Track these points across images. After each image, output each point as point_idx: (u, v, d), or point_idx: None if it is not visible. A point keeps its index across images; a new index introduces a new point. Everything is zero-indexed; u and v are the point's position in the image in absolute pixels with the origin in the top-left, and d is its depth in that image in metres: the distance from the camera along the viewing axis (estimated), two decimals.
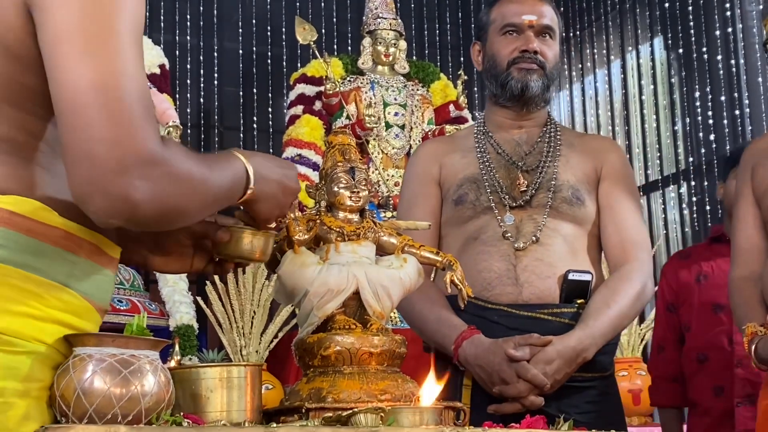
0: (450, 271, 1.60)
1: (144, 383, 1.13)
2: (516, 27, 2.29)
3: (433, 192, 2.33)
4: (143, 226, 1.13)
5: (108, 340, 1.15)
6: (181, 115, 5.16)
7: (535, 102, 2.31)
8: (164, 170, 1.09)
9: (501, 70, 2.29)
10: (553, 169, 2.26)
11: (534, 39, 2.28)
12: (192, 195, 1.16)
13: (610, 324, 2.11)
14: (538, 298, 2.15)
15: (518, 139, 2.34)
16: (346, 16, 6.63)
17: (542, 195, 2.23)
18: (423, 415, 1.33)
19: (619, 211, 2.25)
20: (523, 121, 2.35)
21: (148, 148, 1.07)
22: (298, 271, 1.52)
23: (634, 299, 2.16)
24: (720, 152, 5.77)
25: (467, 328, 2.10)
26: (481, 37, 2.39)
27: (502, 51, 2.30)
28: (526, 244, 2.17)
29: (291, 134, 5.38)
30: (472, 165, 2.30)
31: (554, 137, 2.33)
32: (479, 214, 2.24)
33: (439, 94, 5.70)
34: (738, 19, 5.76)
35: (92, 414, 1.11)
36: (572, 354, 2.04)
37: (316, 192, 1.63)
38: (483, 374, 2.05)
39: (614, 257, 2.24)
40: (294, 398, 1.47)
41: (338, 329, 1.52)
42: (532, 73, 2.27)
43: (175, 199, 1.12)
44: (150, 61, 5.05)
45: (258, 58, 6.49)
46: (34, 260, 1.13)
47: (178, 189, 1.12)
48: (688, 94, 6.10)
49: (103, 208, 1.07)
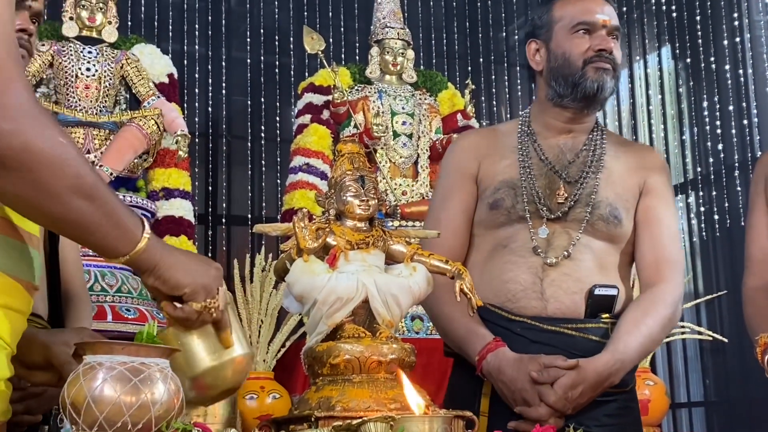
0: (459, 280, 1.60)
1: (154, 391, 1.13)
2: (589, 25, 2.21)
3: (469, 189, 2.26)
4: (4, 162, 1.08)
5: (118, 348, 1.15)
6: (189, 125, 5.16)
7: (602, 104, 2.26)
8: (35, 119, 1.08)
9: (575, 70, 2.19)
10: (594, 183, 2.20)
11: (609, 38, 2.21)
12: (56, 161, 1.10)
13: (640, 348, 2.07)
14: (562, 312, 2.11)
15: (563, 145, 2.26)
16: (354, 25, 6.64)
17: (580, 210, 2.17)
18: (432, 424, 1.33)
19: (656, 230, 2.20)
20: (574, 124, 2.27)
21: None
22: (307, 280, 1.52)
23: (665, 323, 2.12)
24: (728, 162, 5.76)
25: (493, 339, 2.06)
26: (541, 35, 2.29)
27: (575, 50, 2.20)
28: (558, 259, 2.13)
29: (299, 143, 5.38)
30: (512, 169, 2.23)
31: (599, 146, 2.27)
32: (513, 222, 2.18)
33: (446, 103, 5.69)
34: (746, 28, 5.76)
35: (102, 422, 1.11)
36: (598, 380, 2.00)
37: (325, 200, 1.63)
38: (506, 390, 2.02)
39: (647, 276, 2.19)
40: (303, 407, 1.47)
41: (347, 338, 1.52)
42: (608, 73, 2.20)
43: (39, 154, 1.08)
44: (159, 70, 5.06)
45: (266, 67, 6.50)
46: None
47: (48, 143, 1.09)
48: (696, 104, 6.10)
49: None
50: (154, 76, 4.99)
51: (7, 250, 1.18)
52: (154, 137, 4.61)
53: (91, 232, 1.18)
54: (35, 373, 1.41)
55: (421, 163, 5.40)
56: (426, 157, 5.42)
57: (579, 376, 1.98)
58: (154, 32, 6.07)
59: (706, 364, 5.87)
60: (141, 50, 5.04)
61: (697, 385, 5.99)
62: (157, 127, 4.61)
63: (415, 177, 5.37)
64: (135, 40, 5.16)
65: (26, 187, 1.10)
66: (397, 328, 1.61)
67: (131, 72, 4.85)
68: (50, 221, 1.17)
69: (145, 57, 4.99)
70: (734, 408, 5.59)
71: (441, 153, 5.43)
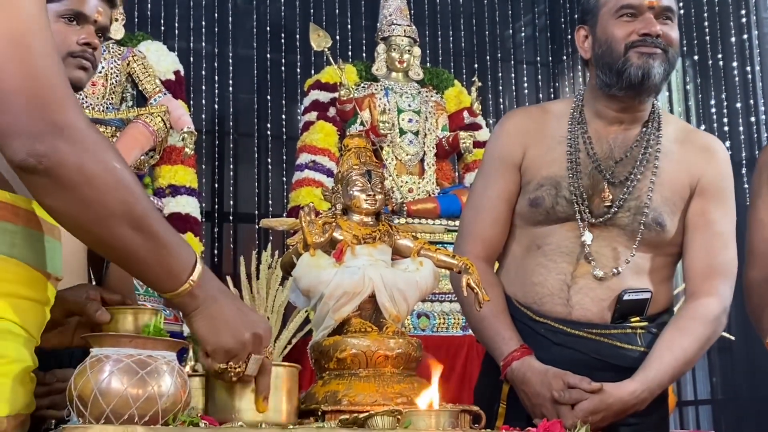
0: (466, 275, 1.59)
1: (161, 384, 1.13)
2: (634, 8, 2.05)
3: (513, 177, 2.14)
4: (57, 180, 1.09)
5: (125, 340, 1.16)
6: (195, 122, 5.16)
7: (652, 91, 2.07)
8: (86, 141, 1.10)
9: (618, 56, 2.04)
10: (641, 186, 2.07)
11: (655, 21, 2.04)
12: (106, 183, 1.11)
13: (672, 373, 1.99)
14: (587, 318, 2.05)
15: (612, 140, 2.12)
16: (361, 22, 6.64)
17: (622, 215, 2.06)
18: (439, 418, 1.33)
19: (708, 236, 2.08)
20: (626, 114, 2.12)
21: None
22: (314, 274, 1.52)
23: (702, 344, 2.03)
24: (735, 159, 5.74)
25: (519, 346, 2.01)
26: (588, 21, 2.14)
27: (618, 34, 2.05)
28: (594, 270, 2.04)
29: (305, 140, 5.38)
30: (558, 163, 2.11)
31: (653, 141, 2.11)
32: (551, 222, 2.09)
33: (453, 100, 5.69)
34: (753, 25, 5.74)
35: (109, 414, 1.11)
36: (622, 407, 1.92)
37: (332, 195, 1.63)
38: (526, 400, 1.98)
39: (693, 286, 2.09)
40: (310, 401, 1.47)
41: (354, 332, 1.52)
42: (655, 58, 2.03)
43: (90, 172, 1.10)
44: (165, 67, 5.07)
45: (272, 64, 6.50)
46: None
47: (96, 164, 1.11)
48: (704, 101, 6.08)
49: (24, 142, 1.06)
50: (161, 73, 5.00)
51: (29, 241, 1.18)
52: (160, 134, 4.62)
53: (134, 263, 1.18)
54: (46, 336, 1.42)
55: (428, 160, 5.39)
56: (432, 154, 5.42)
57: (602, 403, 1.90)
58: (161, 29, 6.08)
59: (714, 362, 5.86)
60: (147, 47, 5.04)
61: (704, 383, 5.97)
62: (163, 124, 4.62)
63: (422, 174, 5.37)
64: (141, 37, 5.17)
65: (75, 207, 1.11)
66: (403, 324, 1.61)
67: (138, 69, 4.86)
68: (96, 244, 1.18)
69: (151, 54, 5.00)
70: (741, 406, 5.57)
71: (447, 150, 5.43)
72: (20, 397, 1.16)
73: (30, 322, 1.18)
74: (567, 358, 2.01)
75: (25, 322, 1.17)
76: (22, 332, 1.17)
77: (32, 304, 1.19)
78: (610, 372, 1.99)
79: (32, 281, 1.19)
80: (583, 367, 1.98)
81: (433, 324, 4.76)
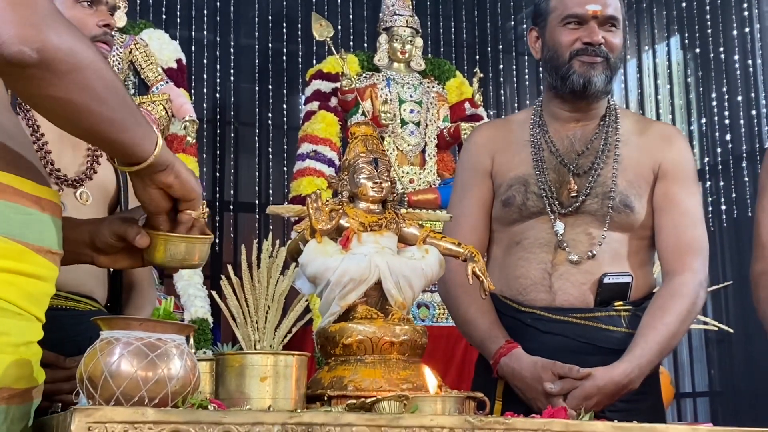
0: (471, 263, 1.60)
1: (171, 367, 1.14)
2: (579, 17, 2.17)
3: (485, 184, 2.26)
4: (51, 68, 1.11)
5: (135, 323, 1.16)
6: (197, 110, 5.16)
7: (597, 96, 2.20)
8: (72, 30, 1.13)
9: (562, 62, 2.18)
10: (605, 173, 2.17)
11: (598, 30, 2.16)
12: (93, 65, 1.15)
13: (659, 349, 2.04)
14: (570, 303, 2.12)
15: (572, 135, 2.24)
16: (363, 12, 6.63)
17: (590, 202, 2.16)
18: (445, 403, 1.34)
19: (675, 215, 2.16)
20: (580, 113, 2.24)
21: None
22: (320, 260, 1.53)
23: (684, 317, 2.08)
24: (736, 152, 5.75)
25: (504, 342, 2.07)
26: (539, 23, 2.28)
27: (563, 41, 2.18)
28: (569, 255, 2.12)
29: (306, 130, 5.38)
30: (525, 163, 2.22)
31: (612, 132, 2.23)
32: (524, 218, 2.18)
33: (454, 91, 5.69)
34: (755, 19, 5.74)
35: (119, 396, 1.12)
36: (616, 389, 1.97)
37: (338, 182, 1.63)
38: (521, 394, 2.03)
39: (668, 263, 2.16)
40: (315, 386, 1.48)
41: (360, 319, 1.53)
42: (596, 67, 2.16)
43: (80, 56, 1.13)
44: (167, 55, 5.07)
45: (274, 54, 6.50)
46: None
47: (87, 51, 1.14)
48: (705, 94, 6.08)
49: (14, 33, 1.07)
50: (163, 61, 5.00)
51: (11, 216, 1.18)
52: (162, 122, 4.62)
53: (125, 130, 1.22)
54: (116, 259, 1.45)
55: (429, 151, 5.40)
56: (433, 145, 5.43)
57: (594, 387, 1.95)
58: (163, 18, 6.07)
59: (711, 355, 5.88)
60: (150, 35, 5.04)
61: (701, 375, 6.00)
62: (165, 113, 4.62)
63: (423, 165, 5.37)
64: (144, 25, 5.16)
65: (73, 92, 1.14)
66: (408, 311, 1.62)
67: (140, 57, 4.86)
68: (94, 123, 1.19)
69: (153, 42, 5.00)
70: (739, 398, 5.59)
71: (448, 141, 5.44)
72: (7, 371, 1.16)
73: (17, 295, 1.17)
74: (556, 345, 2.08)
75: (10, 295, 1.16)
76: (6, 305, 1.16)
77: (17, 277, 1.17)
78: (598, 355, 2.05)
79: (17, 254, 1.17)
80: (571, 353, 2.05)
81: (433, 314, 4.78)
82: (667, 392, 4.52)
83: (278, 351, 1.43)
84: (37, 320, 1.23)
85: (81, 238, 1.42)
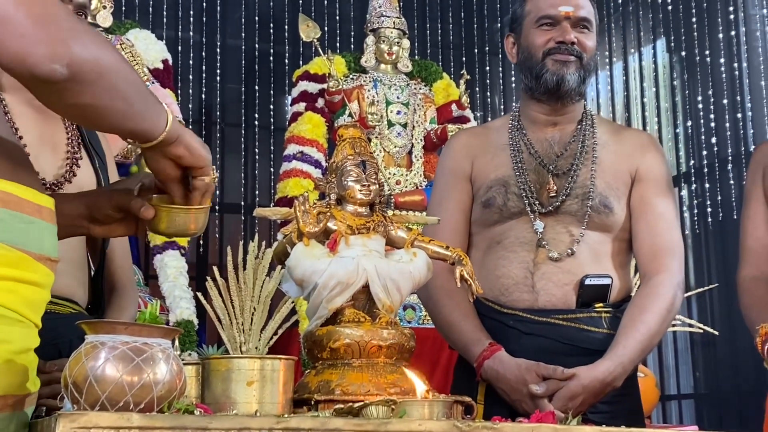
0: (459, 266, 1.60)
1: (156, 371, 1.13)
2: (552, 19, 2.23)
3: (465, 188, 2.29)
4: (80, 79, 1.13)
5: (121, 327, 1.15)
6: (182, 111, 5.14)
7: (571, 96, 2.24)
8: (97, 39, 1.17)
9: (536, 62, 2.23)
10: (584, 174, 2.21)
11: (571, 30, 2.22)
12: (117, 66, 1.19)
13: (640, 347, 2.07)
14: (553, 304, 2.13)
15: (551, 138, 2.28)
16: (350, 14, 6.62)
17: (570, 202, 2.19)
18: (433, 408, 1.33)
19: (651, 218, 2.20)
20: (557, 116, 2.29)
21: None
22: (308, 263, 1.52)
23: (663, 316, 2.11)
24: (721, 156, 5.77)
25: (487, 345, 2.08)
26: (515, 29, 2.33)
27: (537, 42, 2.24)
28: (561, 255, 2.15)
29: (293, 131, 5.37)
30: (504, 165, 2.26)
31: (589, 135, 2.27)
32: (505, 219, 2.21)
33: (441, 93, 5.69)
34: (741, 22, 5.76)
35: (104, 401, 1.11)
36: (600, 387, 2.00)
37: (326, 185, 1.63)
38: (505, 397, 2.04)
39: (644, 265, 2.20)
40: (303, 390, 1.47)
41: (347, 322, 1.52)
42: (569, 65, 2.21)
43: (105, 65, 1.16)
44: (153, 56, 5.04)
45: (260, 55, 6.48)
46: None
47: (109, 55, 1.17)
48: (691, 97, 6.10)
49: (45, 53, 1.09)
50: (149, 61, 4.97)
51: (12, 224, 1.18)
52: None
53: (144, 120, 1.26)
54: (112, 228, 1.48)
55: (416, 152, 5.40)
56: (420, 146, 5.42)
57: (578, 387, 1.98)
58: (149, 18, 6.04)
59: (697, 357, 5.89)
60: (136, 35, 5.02)
61: (687, 377, 6.01)
62: None
63: (409, 167, 5.37)
64: (130, 26, 5.13)
65: (103, 95, 1.17)
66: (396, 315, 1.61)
67: (126, 57, 4.83)
68: (118, 119, 1.23)
69: (139, 42, 4.97)
70: (724, 400, 5.61)
71: (435, 143, 5.43)
72: (14, 379, 1.15)
73: (17, 303, 1.17)
74: (538, 346, 2.09)
75: (12, 303, 1.16)
76: (8, 312, 1.15)
77: (19, 285, 1.18)
78: (580, 357, 2.08)
79: (18, 261, 1.17)
80: (554, 354, 2.07)
81: (420, 316, 4.77)
82: (652, 395, 4.54)
83: (265, 355, 1.42)
84: (35, 327, 1.23)
85: (77, 211, 1.46)
